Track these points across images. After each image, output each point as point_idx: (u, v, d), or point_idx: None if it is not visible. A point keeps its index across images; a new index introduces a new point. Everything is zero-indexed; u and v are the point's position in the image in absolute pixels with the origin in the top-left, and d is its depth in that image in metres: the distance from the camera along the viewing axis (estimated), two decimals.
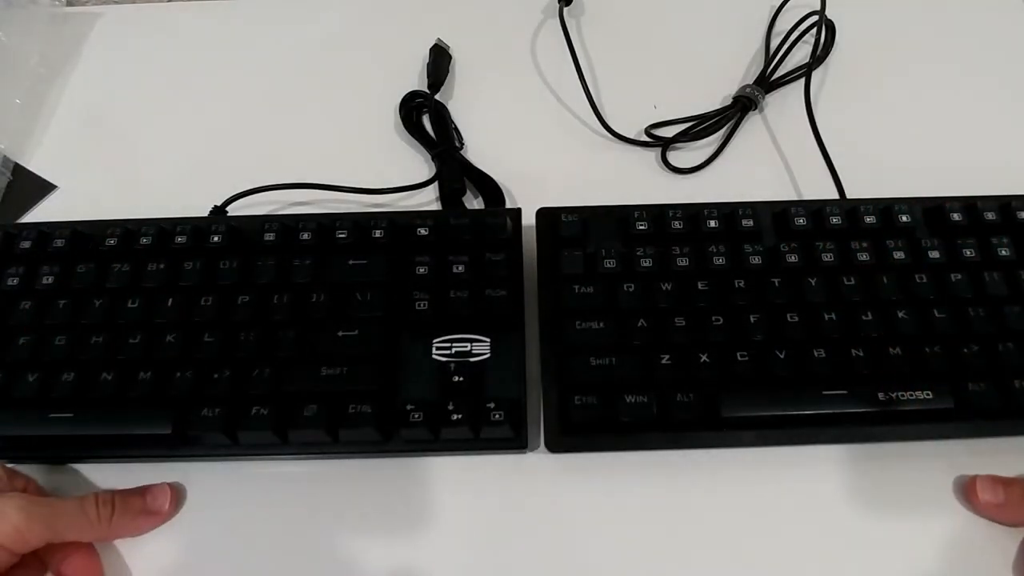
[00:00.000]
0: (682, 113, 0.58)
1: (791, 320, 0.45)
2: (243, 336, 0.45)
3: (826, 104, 0.59)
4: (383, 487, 0.45)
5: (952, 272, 0.46)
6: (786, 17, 0.62)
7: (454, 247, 0.48)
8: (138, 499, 0.43)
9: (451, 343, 0.46)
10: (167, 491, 0.44)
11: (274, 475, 0.45)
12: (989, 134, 0.57)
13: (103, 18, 0.66)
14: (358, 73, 0.62)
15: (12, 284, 0.47)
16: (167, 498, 0.43)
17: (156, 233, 0.48)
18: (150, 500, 0.43)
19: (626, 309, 0.45)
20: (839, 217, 0.48)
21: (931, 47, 0.62)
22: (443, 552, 0.43)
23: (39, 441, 0.44)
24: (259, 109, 0.60)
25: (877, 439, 0.44)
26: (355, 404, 0.43)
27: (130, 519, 0.42)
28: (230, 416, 0.43)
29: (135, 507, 0.42)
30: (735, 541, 0.43)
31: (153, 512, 0.43)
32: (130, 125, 0.60)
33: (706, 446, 0.44)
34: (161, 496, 0.43)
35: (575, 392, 0.43)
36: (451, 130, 0.57)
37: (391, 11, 0.65)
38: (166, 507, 0.43)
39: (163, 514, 0.43)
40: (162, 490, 0.44)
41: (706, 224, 0.48)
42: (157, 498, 0.43)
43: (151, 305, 0.46)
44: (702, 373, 0.43)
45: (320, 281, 0.46)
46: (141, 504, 0.43)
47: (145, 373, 0.44)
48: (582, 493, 0.44)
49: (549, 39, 0.63)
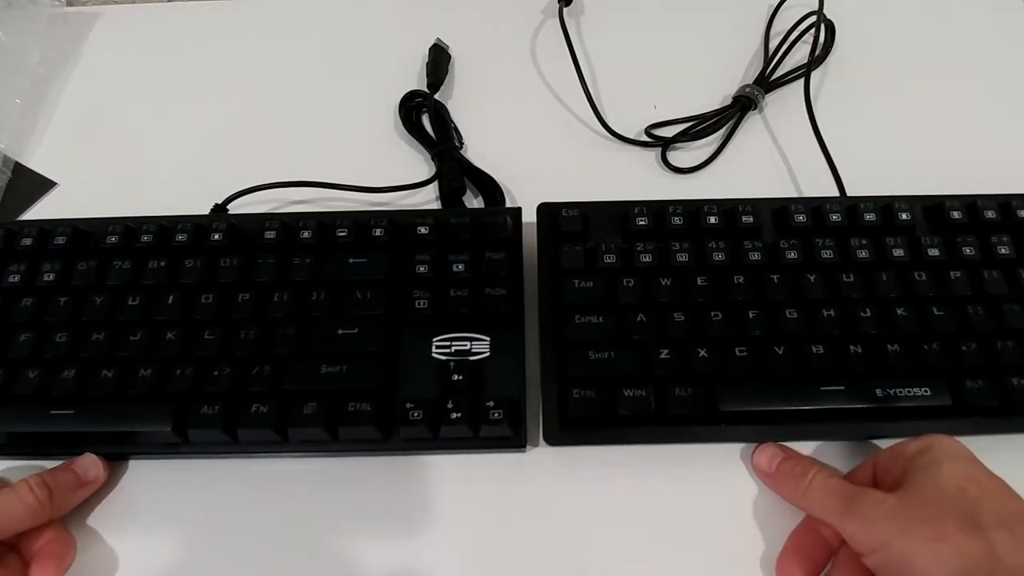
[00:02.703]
0: (682, 113, 0.59)
1: (790, 316, 0.45)
2: (243, 334, 0.45)
3: (826, 104, 0.59)
4: (382, 485, 0.45)
5: (951, 270, 0.46)
6: (786, 16, 0.62)
7: (454, 246, 0.48)
8: (69, 473, 0.43)
9: (451, 342, 0.46)
10: (96, 460, 0.44)
11: (274, 472, 0.45)
12: (989, 133, 0.57)
13: (103, 18, 0.66)
14: (358, 72, 0.62)
15: (13, 281, 0.47)
16: (99, 467, 0.44)
17: (157, 231, 0.48)
18: (81, 472, 0.43)
19: (625, 304, 0.45)
20: (839, 214, 0.48)
21: (931, 46, 0.62)
22: (442, 549, 0.43)
23: (40, 438, 0.44)
24: (259, 108, 0.60)
25: (874, 435, 0.45)
26: (355, 402, 0.43)
27: (68, 494, 0.43)
28: (230, 413, 0.43)
29: (70, 482, 0.43)
30: (733, 535, 0.43)
31: (88, 482, 0.43)
32: (130, 124, 0.60)
33: (704, 440, 0.45)
34: (92, 468, 0.44)
35: (574, 386, 0.43)
36: (451, 129, 0.58)
37: (391, 11, 0.65)
38: (101, 475, 0.44)
39: (99, 482, 0.44)
40: (91, 460, 0.44)
41: (706, 220, 0.48)
42: (88, 469, 0.44)
43: (152, 302, 0.46)
44: (700, 368, 0.44)
45: (320, 279, 0.47)
46: (74, 478, 0.43)
47: (145, 370, 0.44)
48: (581, 490, 0.45)
49: (549, 39, 0.63)
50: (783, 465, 0.43)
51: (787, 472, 0.42)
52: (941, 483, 0.37)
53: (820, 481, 0.41)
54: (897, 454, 0.41)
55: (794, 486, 0.41)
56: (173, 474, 0.45)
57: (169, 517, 0.44)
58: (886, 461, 0.41)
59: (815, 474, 0.41)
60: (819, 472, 0.41)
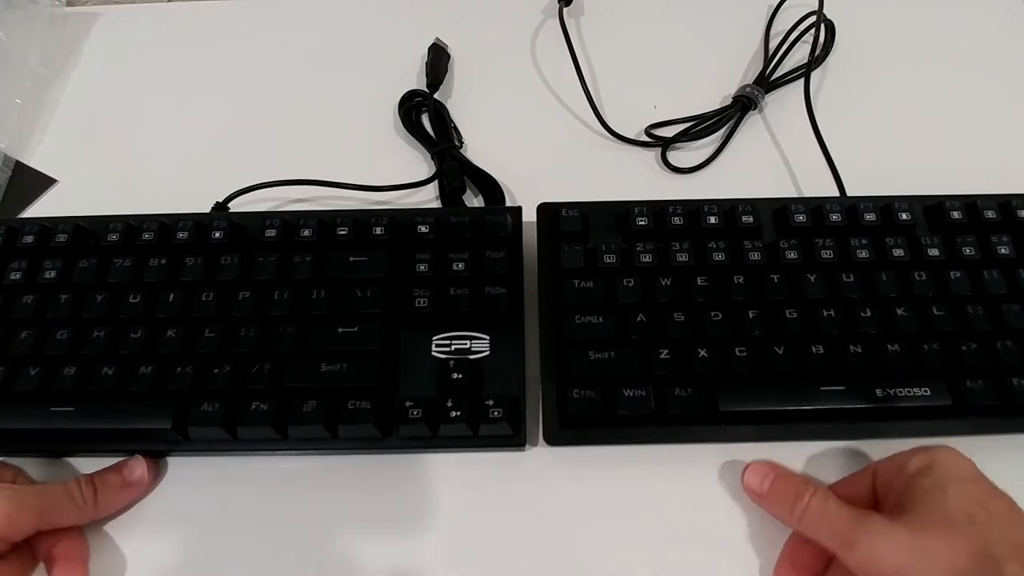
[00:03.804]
0: (682, 113, 0.59)
1: (790, 316, 0.45)
2: (244, 332, 0.45)
3: (826, 103, 0.59)
4: (382, 483, 0.45)
5: (951, 270, 0.46)
6: (786, 16, 0.62)
7: (454, 245, 0.48)
8: (116, 475, 0.43)
9: (450, 340, 0.46)
10: (142, 461, 0.44)
11: (273, 470, 0.45)
12: (989, 133, 0.58)
13: (103, 18, 0.66)
14: (358, 72, 0.62)
15: (15, 279, 0.47)
16: (144, 468, 0.44)
17: (158, 229, 0.48)
18: (127, 473, 0.44)
19: (625, 304, 0.45)
20: (839, 214, 0.48)
21: (931, 46, 0.62)
22: (440, 547, 0.43)
23: (40, 435, 0.44)
24: (260, 107, 0.60)
25: (874, 435, 0.44)
26: (354, 400, 0.43)
27: (113, 495, 0.43)
28: (230, 411, 0.43)
29: (115, 483, 0.43)
30: (732, 535, 0.43)
31: (133, 483, 0.44)
32: (131, 124, 0.60)
33: (704, 440, 0.44)
34: (138, 468, 0.44)
35: (574, 385, 0.44)
36: (450, 129, 0.58)
37: (390, 10, 0.65)
38: (145, 477, 0.44)
39: (144, 484, 0.44)
40: (137, 461, 0.44)
41: (706, 220, 0.48)
42: (134, 470, 0.44)
43: (152, 300, 0.46)
44: (700, 368, 0.44)
45: (320, 277, 0.47)
46: (120, 479, 0.43)
47: (146, 368, 0.44)
48: (580, 490, 0.45)
49: (549, 39, 0.63)
50: (775, 485, 0.41)
51: (780, 493, 0.41)
52: (948, 510, 0.36)
53: (817, 505, 0.39)
54: (898, 467, 0.40)
55: (789, 509, 0.40)
56: (173, 471, 0.45)
57: (169, 514, 0.44)
58: (887, 475, 0.41)
59: (811, 496, 0.39)
60: (815, 494, 0.39)
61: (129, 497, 0.44)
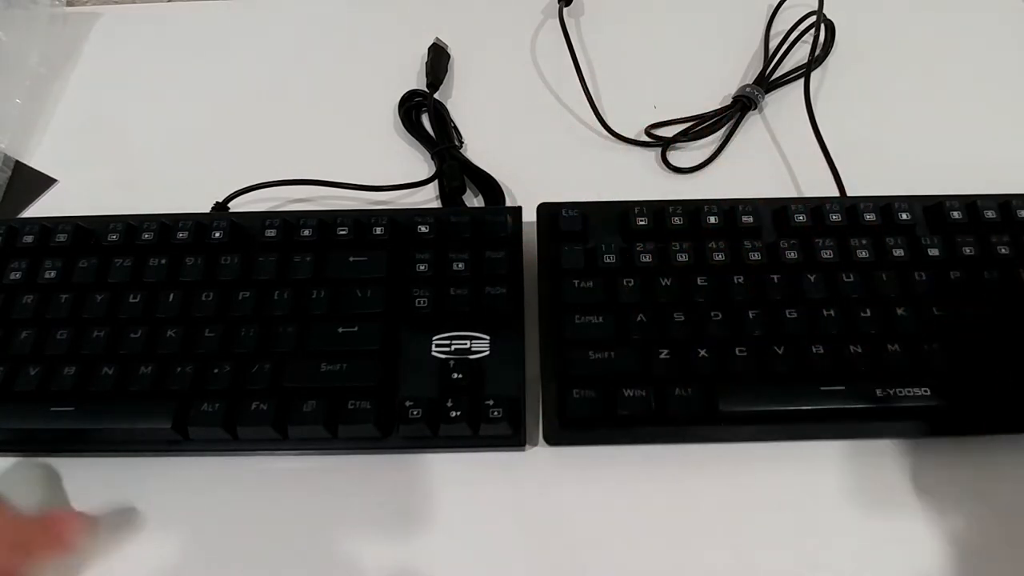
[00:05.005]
0: (682, 113, 0.59)
1: (790, 316, 0.45)
2: (243, 331, 0.45)
3: (826, 103, 0.59)
4: (382, 483, 0.45)
5: (951, 270, 0.46)
6: (786, 16, 0.62)
7: (454, 245, 0.48)
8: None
9: (450, 340, 0.46)
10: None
11: (273, 470, 0.45)
12: (989, 133, 0.58)
13: (103, 18, 0.66)
14: (358, 72, 0.62)
15: (15, 278, 0.47)
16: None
17: (158, 229, 0.48)
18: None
19: (625, 304, 0.45)
20: (839, 214, 0.48)
21: (931, 46, 0.62)
22: (440, 547, 0.43)
23: (40, 434, 0.44)
24: (260, 107, 0.60)
25: (874, 435, 0.45)
26: (354, 400, 0.43)
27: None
28: (230, 411, 0.43)
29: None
30: (732, 535, 0.43)
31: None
32: (131, 124, 0.60)
33: (704, 440, 0.45)
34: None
35: (574, 385, 0.43)
36: (450, 129, 0.58)
37: (390, 10, 0.65)
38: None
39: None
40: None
41: (706, 220, 0.48)
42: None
43: (152, 300, 0.46)
44: (700, 368, 0.44)
45: (320, 277, 0.47)
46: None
47: (146, 367, 0.44)
48: (580, 490, 0.45)
49: (549, 39, 0.63)
50: None
51: None
52: None
53: None
54: None
55: None
56: (173, 471, 0.45)
57: (168, 514, 0.44)
58: None
59: None
60: None
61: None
